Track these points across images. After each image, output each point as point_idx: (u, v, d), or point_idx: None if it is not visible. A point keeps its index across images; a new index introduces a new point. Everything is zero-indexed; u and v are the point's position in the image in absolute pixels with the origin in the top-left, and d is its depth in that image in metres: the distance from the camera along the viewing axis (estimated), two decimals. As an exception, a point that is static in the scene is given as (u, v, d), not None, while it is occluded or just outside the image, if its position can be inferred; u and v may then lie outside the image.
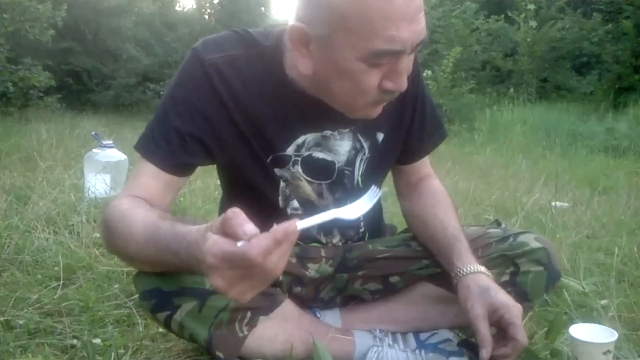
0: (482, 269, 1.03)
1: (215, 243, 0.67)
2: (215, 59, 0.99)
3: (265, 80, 1.00)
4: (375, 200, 0.88)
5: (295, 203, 1.09)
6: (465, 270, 1.03)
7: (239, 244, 0.65)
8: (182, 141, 0.98)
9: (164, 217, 0.86)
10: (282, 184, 1.07)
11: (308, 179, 1.08)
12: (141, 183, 0.98)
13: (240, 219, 0.66)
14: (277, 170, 1.06)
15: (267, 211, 1.09)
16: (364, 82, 0.88)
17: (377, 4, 0.81)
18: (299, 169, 1.06)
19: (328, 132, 1.05)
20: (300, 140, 1.05)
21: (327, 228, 1.14)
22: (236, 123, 1.01)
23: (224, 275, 0.67)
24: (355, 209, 0.78)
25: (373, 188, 0.90)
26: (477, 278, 1.01)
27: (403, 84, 0.90)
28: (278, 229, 0.65)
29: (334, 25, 0.84)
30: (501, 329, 0.98)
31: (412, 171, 1.22)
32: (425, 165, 1.23)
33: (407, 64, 0.89)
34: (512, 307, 0.96)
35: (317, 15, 0.86)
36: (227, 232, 0.66)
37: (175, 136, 0.98)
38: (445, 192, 1.21)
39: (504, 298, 0.98)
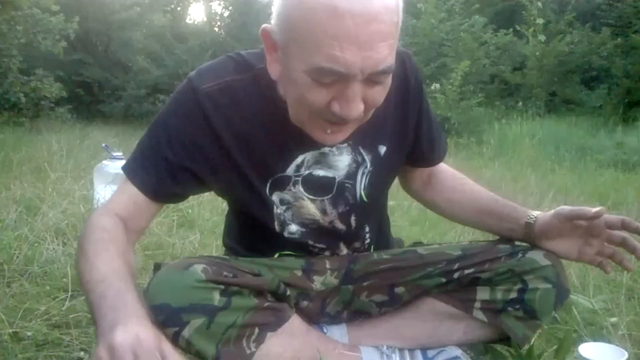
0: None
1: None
2: (210, 88, 0.99)
3: (260, 102, 0.99)
4: None
5: (292, 228, 1.09)
6: (535, 213, 1.11)
7: None
8: (172, 172, 1.00)
9: (124, 274, 0.87)
10: (276, 210, 1.07)
11: (310, 197, 1.07)
12: (124, 202, 1.00)
13: None
14: (277, 194, 1.06)
15: (264, 234, 1.10)
16: (309, 97, 0.86)
17: (325, 20, 0.78)
18: (300, 188, 1.06)
19: (326, 149, 1.05)
20: (299, 159, 1.04)
21: (333, 244, 1.14)
22: (229, 153, 1.01)
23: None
24: None
25: None
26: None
27: (351, 112, 0.85)
28: None
29: (289, 33, 0.85)
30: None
31: (425, 169, 1.25)
32: None
33: (358, 91, 0.84)
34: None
35: (279, 22, 0.86)
36: None
37: (165, 166, 0.99)
38: (460, 173, 1.28)
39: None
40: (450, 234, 2.36)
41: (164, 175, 1.00)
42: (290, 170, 1.04)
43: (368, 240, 1.17)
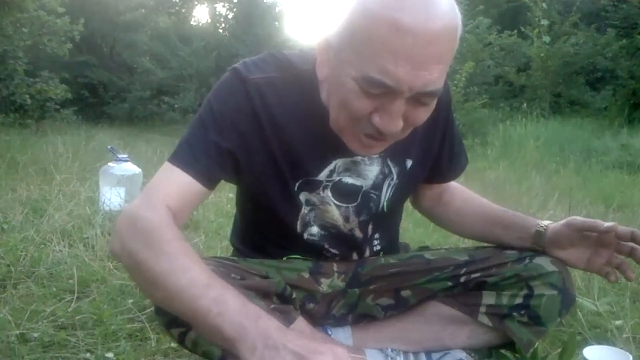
0: None
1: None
2: (257, 79, 0.99)
3: (301, 103, 1.00)
4: None
5: (313, 229, 1.09)
6: (545, 222, 1.12)
7: None
8: (220, 156, 0.98)
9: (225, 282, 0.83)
10: (303, 209, 1.07)
11: (337, 203, 1.08)
12: (174, 193, 0.95)
13: None
14: (304, 194, 1.06)
15: (282, 234, 1.10)
16: (353, 105, 0.87)
17: (386, 33, 0.79)
18: (328, 193, 1.07)
19: (359, 158, 1.05)
20: (332, 165, 1.05)
21: (347, 251, 1.14)
22: (269, 144, 1.01)
23: None
24: None
25: None
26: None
27: (391, 126, 0.86)
28: None
29: (345, 38, 0.85)
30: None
31: (438, 186, 1.25)
32: None
33: (402, 107, 0.85)
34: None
35: (339, 25, 0.87)
36: None
37: (215, 150, 0.98)
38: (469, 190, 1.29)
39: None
40: (455, 236, 2.36)
41: (214, 159, 0.98)
42: (322, 176, 1.05)
43: (378, 248, 1.18)
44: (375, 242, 1.17)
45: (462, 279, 1.14)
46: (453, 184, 1.27)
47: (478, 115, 7.73)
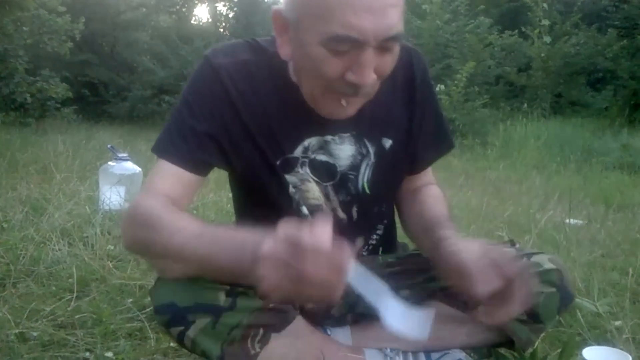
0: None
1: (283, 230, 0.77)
2: (226, 63, 1.02)
3: (273, 84, 1.03)
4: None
5: (305, 209, 1.10)
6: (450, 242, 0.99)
7: None
8: (198, 139, 1.01)
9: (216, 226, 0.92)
10: (291, 189, 1.08)
11: (315, 179, 1.09)
12: (163, 183, 1.00)
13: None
14: (286, 177, 1.07)
15: (279, 218, 1.10)
16: (324, 69, 0.89)
17: None
18: (307, 169, 1.08)
19: (329, 137, 1.07)
20: (306, 142, 1.07)
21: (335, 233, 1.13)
22: (246, 124, 1.03)
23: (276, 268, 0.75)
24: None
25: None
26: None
27: (366, 78, 0.89)
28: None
29: (301, 8, 0.88)
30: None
31: (414, 179, 1.20)
32: (427, 173, 1.22)
33: (372, 58, 0.87)
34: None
35: (289, 2, 0.89)
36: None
37: (191, 135, 1.01)
38: (441, 195, 1.18)
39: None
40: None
41: (193, 144, 1.01)
42: (298, 152, 1.06)
43: (374, 242, 1.17)
44: (373, 237, 1.16)
45: (461, 278, 1.14)
46: (435, 190, 1.20)
47: (478, 115, 7.73)
